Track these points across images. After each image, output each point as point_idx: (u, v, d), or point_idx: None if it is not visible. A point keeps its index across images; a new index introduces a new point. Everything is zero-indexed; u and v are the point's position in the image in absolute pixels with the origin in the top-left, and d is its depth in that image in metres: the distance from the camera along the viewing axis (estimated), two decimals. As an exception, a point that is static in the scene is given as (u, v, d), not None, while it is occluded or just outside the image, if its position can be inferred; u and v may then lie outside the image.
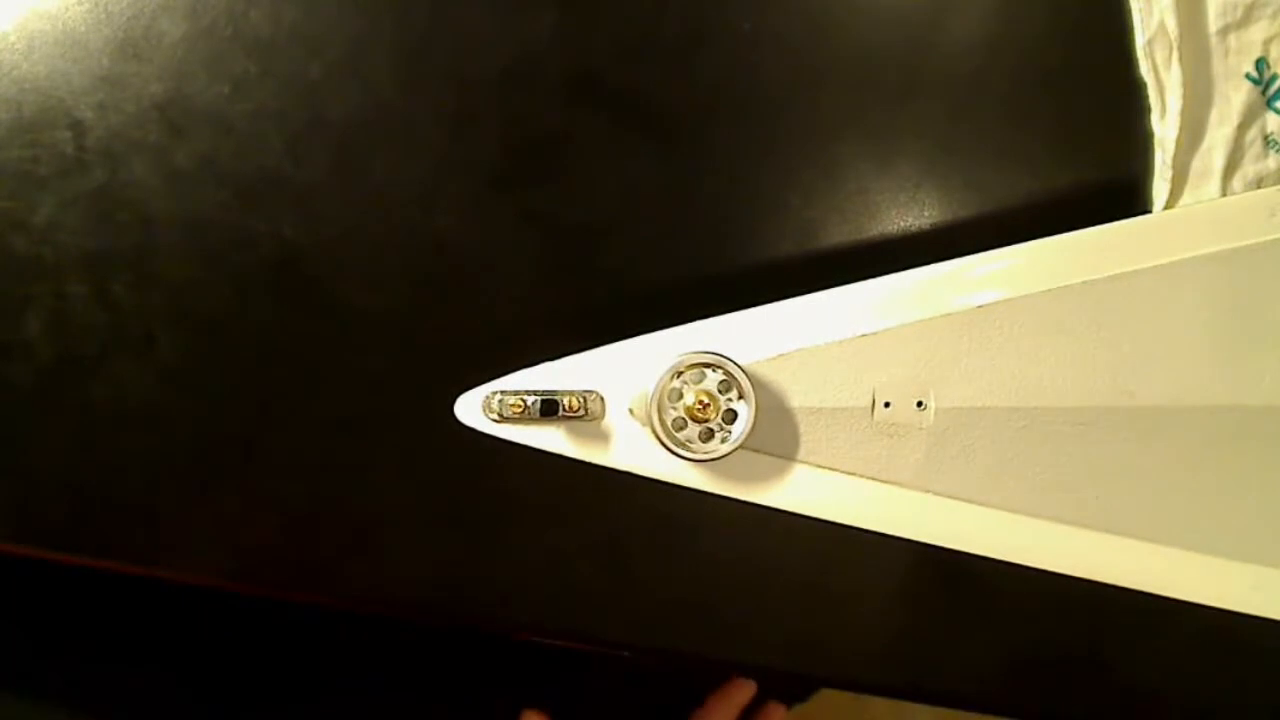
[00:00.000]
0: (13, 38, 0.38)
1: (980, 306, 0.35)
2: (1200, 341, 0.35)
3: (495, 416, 0.34)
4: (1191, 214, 0.37)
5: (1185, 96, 0.37)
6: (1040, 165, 0.38)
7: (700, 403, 0.33)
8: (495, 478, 0.39)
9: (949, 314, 0.35)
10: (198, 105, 0.38)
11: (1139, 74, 0.37)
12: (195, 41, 0.38)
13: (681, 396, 0.33)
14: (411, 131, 0.38)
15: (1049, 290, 0.35)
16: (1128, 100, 0.38)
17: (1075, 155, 0.38)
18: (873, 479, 0.35)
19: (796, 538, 0.38)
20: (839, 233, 0.38)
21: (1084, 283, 0.35)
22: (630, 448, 0.35)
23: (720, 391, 0.33)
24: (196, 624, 0.54)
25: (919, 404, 0.35)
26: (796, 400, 0.35)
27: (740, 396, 0.33)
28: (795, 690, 0.59)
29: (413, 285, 0.38)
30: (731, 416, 0.33)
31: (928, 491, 0.35)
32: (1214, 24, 0.37)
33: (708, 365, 0.33)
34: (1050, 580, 0.38)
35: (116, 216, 0.38)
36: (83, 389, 0.38)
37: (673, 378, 0.33)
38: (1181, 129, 0.37)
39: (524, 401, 0.34)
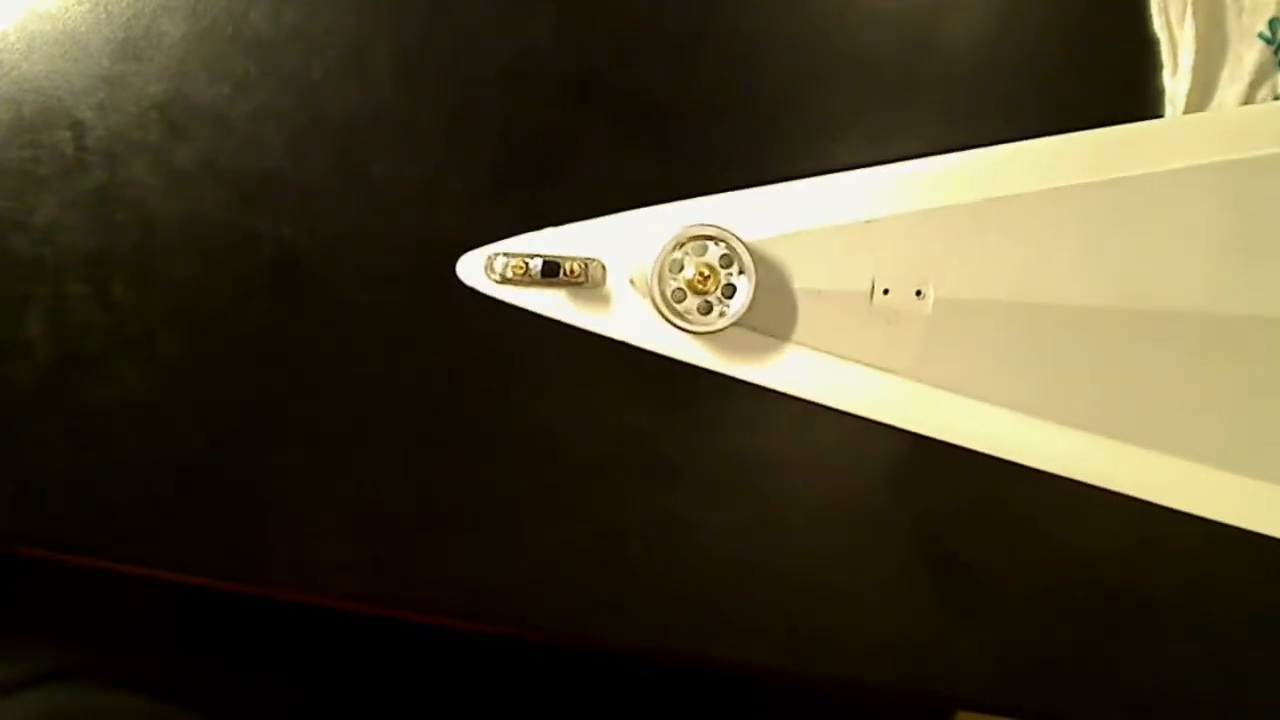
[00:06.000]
0: (13, 38, 0.38)
1: (986, 200, 0.35)
2: (1206, 249, 0.35)
3: (496, 278, 0.34)
4: (1198, 122, 0.37)
5: (1197, 53, 0.37)
6: (1049, 126, 0.38)
7: (701, 275, 0.33)
8: (496, 477, 0.39)
9: (954, 205, 0.35)
10: (198, 105, 0.38)
11: (1152, 31, 0.37)
12: (195, 41, 0.38)
13: (682, 268, 0.33)
14: (411, 131, 0.38)
15: (1055, 189, 0.35)
16: (1141, 58, 0.38)
17: (1087, 112, 0.38)
18: (868, 365, 0.35)
19: (798, 537, 0.38)
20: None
21: (1090, 184, 0.35)
22: (628, 318, 0.35)
23: (721, 265, 0.33)
24: (194, 623, 0.54)
25: (918, 293, 0.34)
26: (796, 281, 0.34)
27: (741, 271, 0.33)
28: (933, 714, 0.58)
29: (412, 285, 0.38)
30: (731, 291, 0.33)
31: (921, 381, 0.35)
32: None
33: (710, 238, 0.33)
34: (1051, 579, 0.38)
35: (116, 216, 0.38)
36: (82, 389, 0.38)
37: (675, 248, 0.33)
38: (1193, 87, 0.37)
39: (526, 263, 0.34)
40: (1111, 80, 0.38)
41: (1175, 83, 0.37)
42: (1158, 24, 0.37)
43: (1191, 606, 0.38)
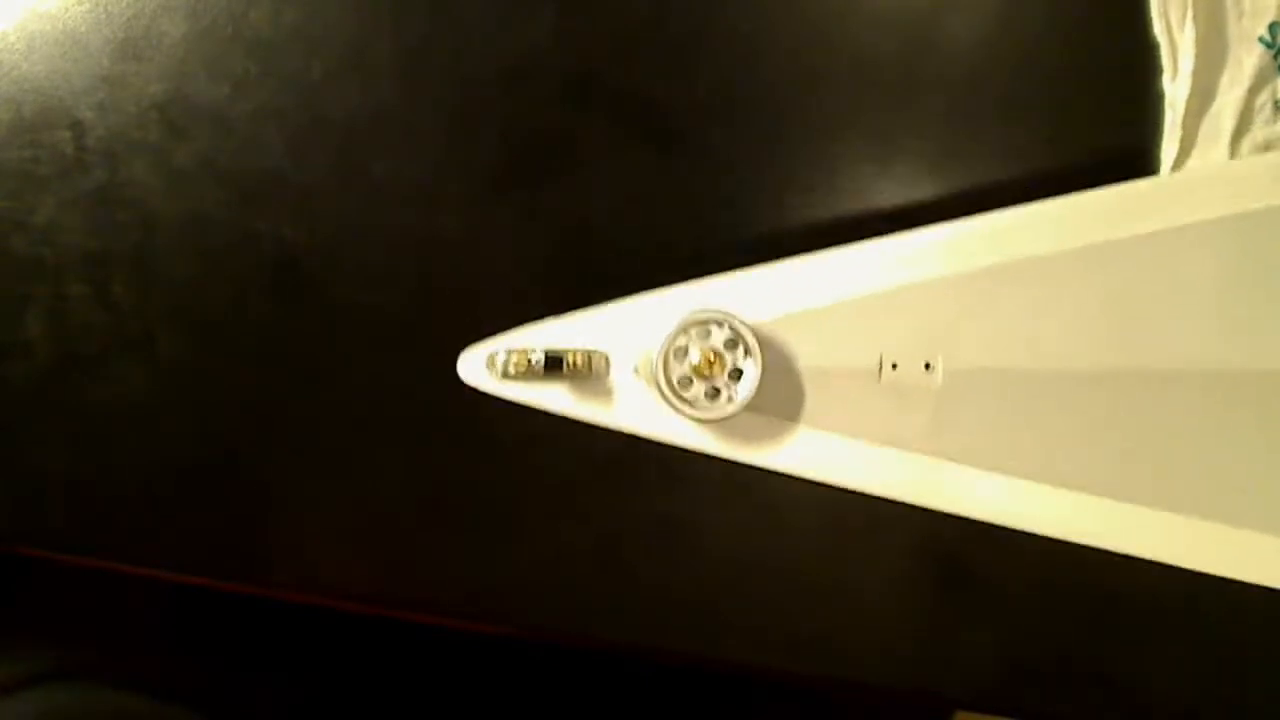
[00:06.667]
0: (13, 38, 0.38)
1: (987, 268, 0.35)
2: (1210, 305, 0.35)
3: (498, 374, 0.34)
4: (1198, 177, 0.37)
5: (1197, 57, 0.37)
6: (1049, 127, 0.38)
7: (707, 360, 0.33)
8: (496, 477, 0.39)
9: (955, 275, 0.35)
10: (198, 105, 0.38)
11: (1153, 34, 0.37)
12: (195, 41, 0.38)
13: (687, 354, 0.33)
14: (411, 131, 0.38)
15: (1056, 253, 0.35)
16: (1140, 61, 0.38)
17: (1086, 116, 0.38)
18: (880, 443, 0.34)
19: (798, 537, 0.38)
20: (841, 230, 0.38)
21: (1090, 245, 0.35)
22: (635, 407, 0.35)
23: (727, 349, 0.33)
24: (194, 623, 0.54)
25: (926, 366, 0.34)
26: (802, 361, 0.34)
27: (747, 354, 0.33)
28: (930, 714, 0.58)
29: (413, 285, 0.38)
30: (738, 375, 0.33)
31: (935, 456, 0.34)
32: None
33: (714, 322, 0.33)
34: (1051, 579, 0.38)
35: (116, 216, 0.38)
36: (82, 389, 0.38)
37: (679, 334, 0.33)
38: (1193, 91, 0.37)
39: (528, 358, 0.33)
40: (1111, 84, 0.38)
41: (1175, 87, 0.37)
42: (1158, 28, 0.37)
43: (1191, 606, 0.38)
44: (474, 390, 0.37)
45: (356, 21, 0.38)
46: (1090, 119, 0.38)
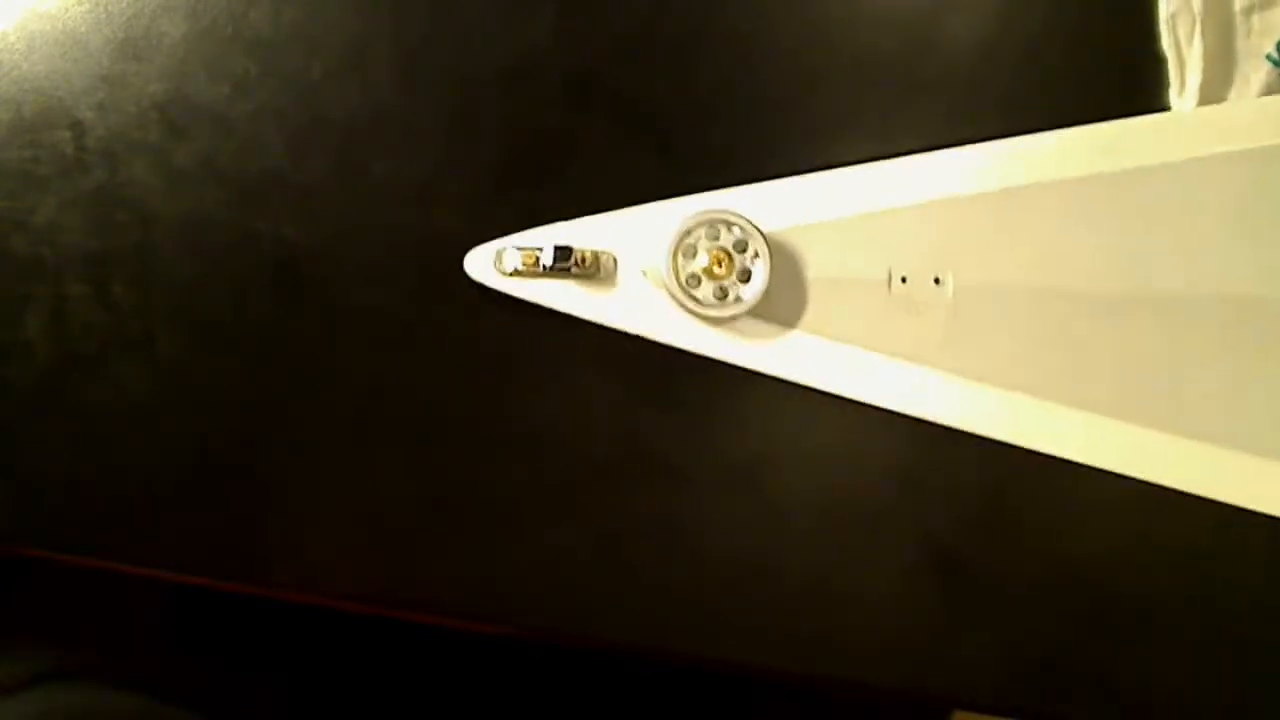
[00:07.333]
0: (13, 38, 0.38)
1: (1001, 190, 0.35)
2: (1223, 233, 0.35)
3: (506, 270, 0.34)
4: (1216, 113, 0.37)
5: (1205, 72, 0.37)
6: (1049, 128, 0.38)
7: (716, 260, 0.33)
8: (496, 477, 0.39)
9: (969, 195, 0.35)
10: (198, 105, 0.38)
11: (1160, 49, 0.37)
12: (195, 41, 0.38)
13: (696, 254, 0.33)
14: (411, 131, 0.38)
15: (1071, 178, 0.35)
16: (1148, 76, 0.38)
17: (1088, 119, 0.38)
18: (886, 354, 0.34)
19: (798, 537, 0.38)
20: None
21: (1106, 173, 0.35)
22: (641, 309, 0.34)
23: (736, 251, 0.33)
24: (194, 623, 0.54)
25: (936, 280, 0.34)
26: (812, 270, 0.34)
27: (756, 256, 0.33)
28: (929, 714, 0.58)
29: (413, 285, 0.38)
30: (747, 276, 0.33)
31: (942, 370, 0.34)
32: (1239, 2, 0.37)
33: (725, 222, 0.33)
34: (1052, 579, 0.38)
35: (116, 216, 0.38)
36: (82, 389, 0.38)
37: (688, 233, 0.33)
38: (1199, 106, 0.37)
39: (536, 254, 0.33)
40: (1119, 100, 0.38)
41: (1182, 102, 0.37)
42: (1166, 42, 0.37)
43: (1191, 606, 0.38)
44: (473, 389, 0.37)
45: (356, 21, 0.38)
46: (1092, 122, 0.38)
